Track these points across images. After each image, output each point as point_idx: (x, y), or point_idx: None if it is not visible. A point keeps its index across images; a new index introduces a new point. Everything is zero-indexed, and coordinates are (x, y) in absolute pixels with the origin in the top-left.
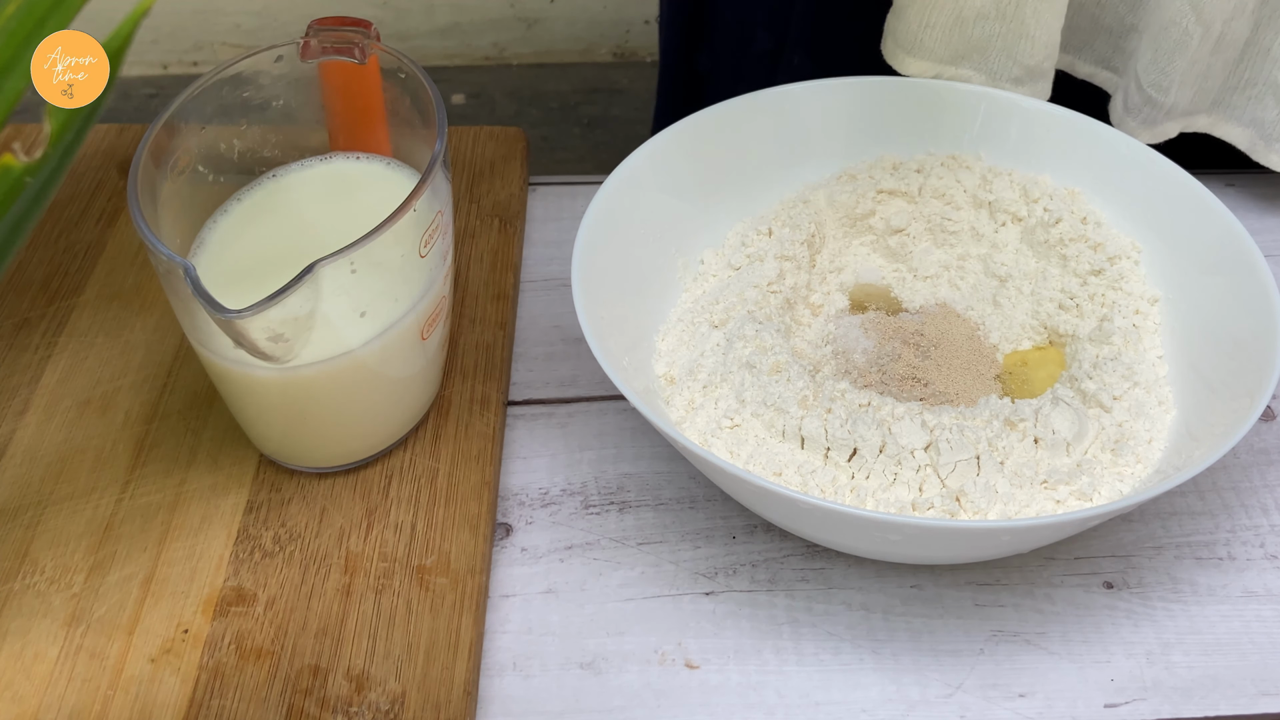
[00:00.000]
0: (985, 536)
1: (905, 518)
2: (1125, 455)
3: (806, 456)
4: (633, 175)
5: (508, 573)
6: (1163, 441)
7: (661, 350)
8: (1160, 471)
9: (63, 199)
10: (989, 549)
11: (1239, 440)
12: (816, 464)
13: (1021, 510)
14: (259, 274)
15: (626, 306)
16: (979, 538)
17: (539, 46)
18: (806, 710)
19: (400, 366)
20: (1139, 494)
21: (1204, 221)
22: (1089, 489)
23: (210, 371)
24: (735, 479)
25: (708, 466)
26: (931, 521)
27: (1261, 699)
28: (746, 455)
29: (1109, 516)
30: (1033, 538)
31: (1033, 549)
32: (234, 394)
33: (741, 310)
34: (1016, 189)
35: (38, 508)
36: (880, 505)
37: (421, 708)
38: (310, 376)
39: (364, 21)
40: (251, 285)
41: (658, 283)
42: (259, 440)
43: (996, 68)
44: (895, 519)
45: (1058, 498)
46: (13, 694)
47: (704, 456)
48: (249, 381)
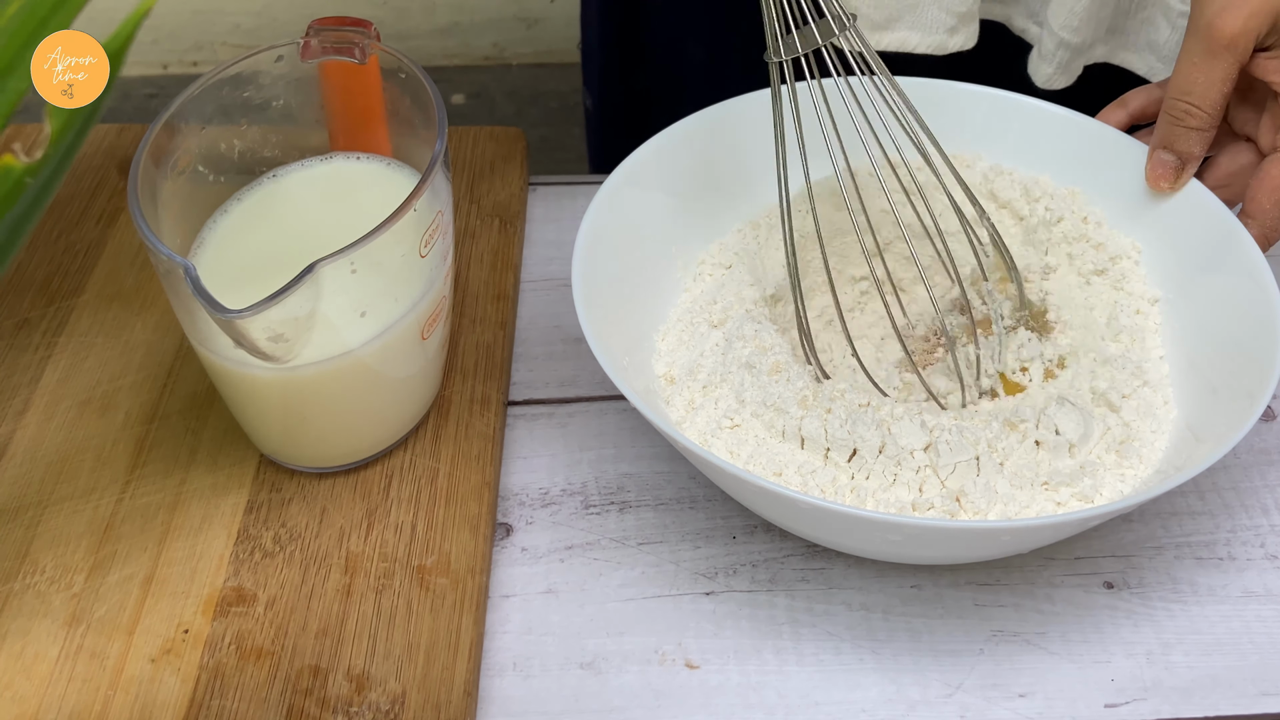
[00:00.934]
0: (984, 537)
1: (905, 518)
2: (1129, 457)
3: (806, 457)
4: (633, 175)
5: (508, 573)
6: (1164, 442)
7: (661, 350)
8: (1161, 472)
9: (63, 199)
10: (988, 549)
11: (1239, 440)
12: (816, 464)
13: (1022, 511)
14: (259, 274)
15: (626, 306)
16: (978, 538)
17: (539, 46)
18: (806, 710)
19: (400, 366)
20: (1139, 495)
21: (1204, 221)
22: (1090, 490)
23: (210, 371)
24: (735, 479)
25: (708, 466)
26: (931, 522)
27: (1261, 699)
28: (746, 455)
29: (1109, 517)
30: (1032, 538)
31: (1033, 549)
32: (234, 394)
33: (740, 310)
34: (1018, 188)
35: (38, 508)
36: (880, 505)
37: (421, 708)
38: (310, 376)
39: (364, 21)
40: (252, 285)
41: (657, 283)
42: (259, 440)
43: (931, 21)
44: (895, 519)
45: (1059, 499)
46: (13, 694)
47: (704, 456)
48: (249, 381)
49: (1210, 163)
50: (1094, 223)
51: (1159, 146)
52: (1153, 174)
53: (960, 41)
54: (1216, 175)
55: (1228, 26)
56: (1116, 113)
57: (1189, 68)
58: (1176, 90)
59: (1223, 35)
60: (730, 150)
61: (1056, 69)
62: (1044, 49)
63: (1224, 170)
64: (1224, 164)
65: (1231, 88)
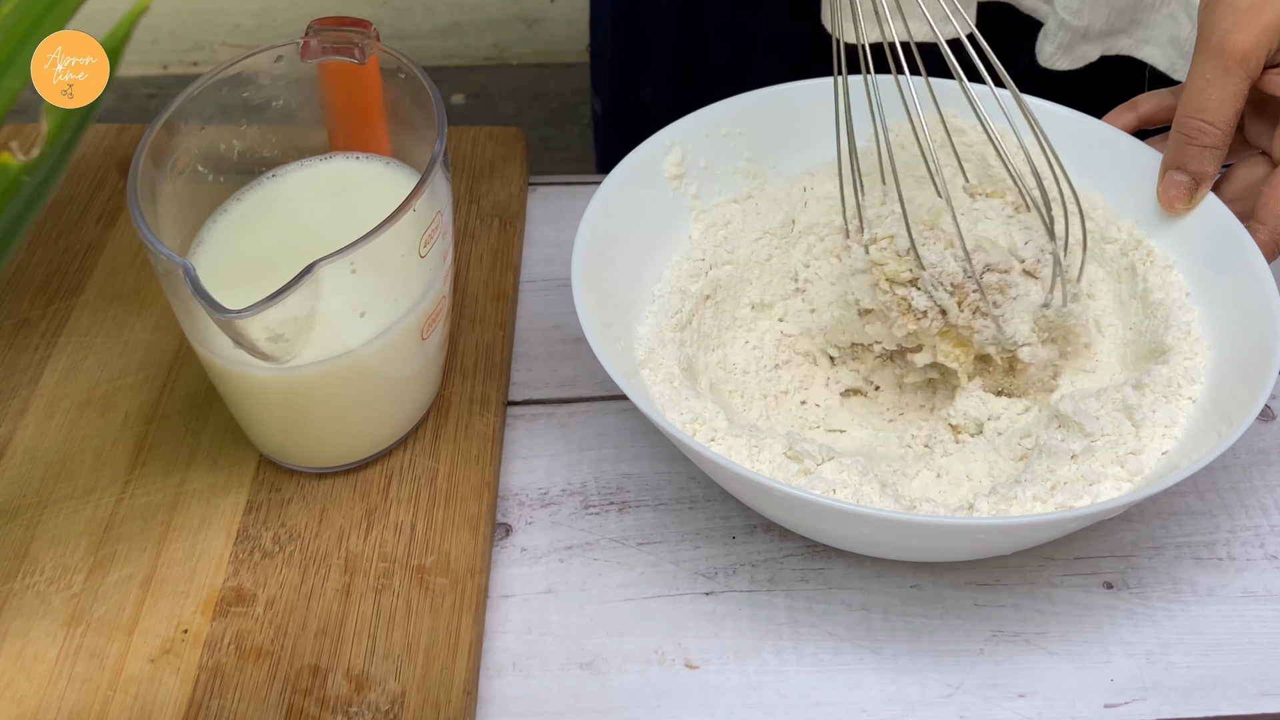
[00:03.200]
0: (984, 534)
1: (905, 515)
2: (1130, 465)
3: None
4: (633, 174)
5: (508, 573)
6: (1168, 441)
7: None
8: (1159, 472)
9: (63, 199)
10: (989, 546)
11: (1237, 440)
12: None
13: (1023, 508)
14: (259, 274)
15: (627, 305)
16: (979, 534)
17: (539, 46)
18: (806, 710)
19: (400, 366)
20: (1138, 492)
21: (1204, 222)
22: (1091, 489)
23: (210, 371)
24: (736, 476)
25: (709, 465)
26: (931, 519)
27: (1261, 699)
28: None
29: (1107, 516)
30: (1032, 536)
31: (1033, 547)
32: (234, 394)
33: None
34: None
35: (38, 508)
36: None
37: (421, 708)
38: (310, 377)
39: (364, 21)
40: (251, 285)
41: (658, 282)
42: (259, 440)
43: (931, 7)
44: (896, 516)
45: (1059, 499)
46: (13, 694)
47: (706, 455)
48: (249, 381)
49: (1226, 175)
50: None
51: (1172, 167)
52: (1166, 195)
53: (961, 27)
54: (1233, 188)
55: (1239, 44)
56: (1125, 115)
57: (1201, 85)
58: (1189, 108)
59: (1234, 53)
60: (735, 147)
61: (1057, 49)
62: (1048, 27)
63: (1240, 183)
64: (1240, 176)
65: (1243, 104)
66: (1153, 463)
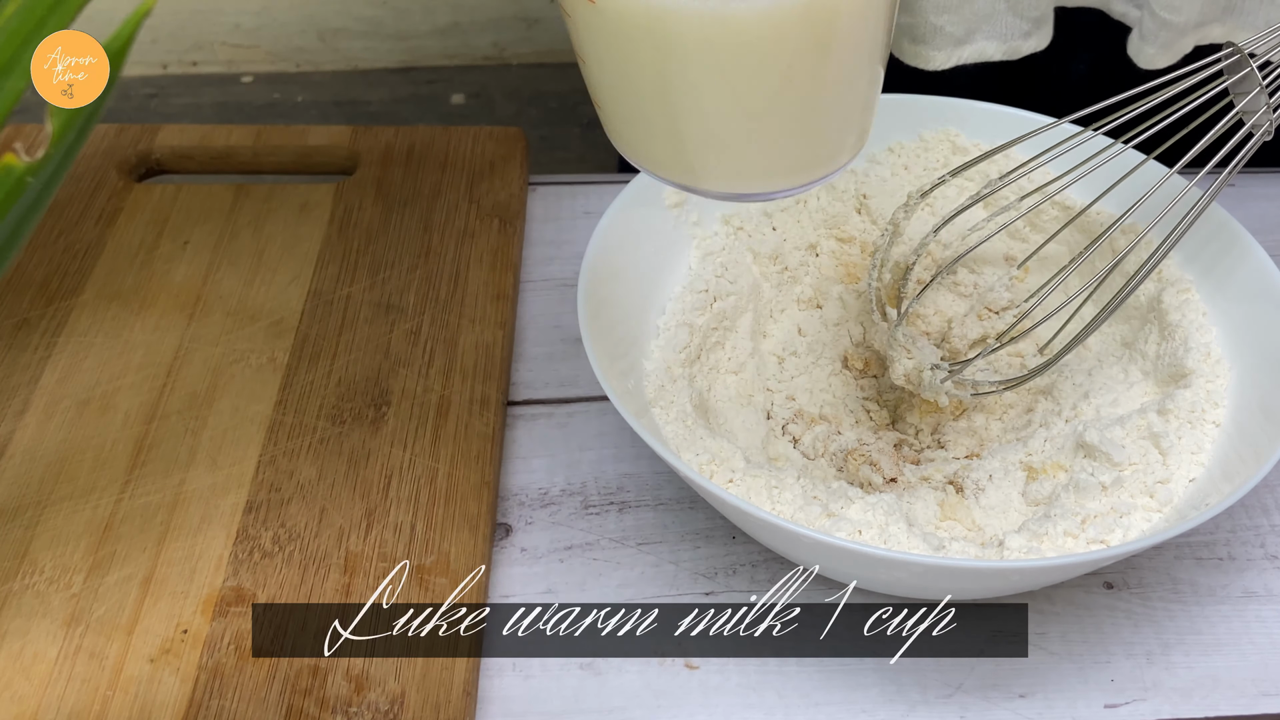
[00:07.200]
0: (1019, 575)
1: (940, 559)
2: (1159, 495)
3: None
4: (633, 202)
5: (507, 573)
6: (1196, 468)
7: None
8: (1188, 500)
9: (63, 199)
10: (1021, 584)
11: (1269, 471)
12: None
13: (1055, 544)
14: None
15: (632, 340)
16: (1014, 577)
17: (539, 46)
18: (806, 710)
19: (866, 49)
20: (1172, 529)
21: (1216, 236)
22: (1122, 521)
23: (588, 27)
24: (760, 521)
25: (730, 509)
26: (969, 563)
27: (1261, 699)
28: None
29: (1137, 553)
30: (1066, 574)
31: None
32: (628, 55)
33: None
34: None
35: (37, 508)
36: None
37: (421, 708)
38: (751, 20)
39: None
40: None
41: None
42: (643, 141)
43: (1007, 30)
44: (931, 561)
45: (1090, 534)
46: (12, 694)
47: (727, 500)
48: (661, 29)
49: None
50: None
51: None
52: None
53: (1034, 44)
54: None
55: None
56: None
57: None
58: None
59: None
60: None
61: (1159, 49)
62: (1145, 29)
63: None
64: None
65: None
66: (1181, 490)
